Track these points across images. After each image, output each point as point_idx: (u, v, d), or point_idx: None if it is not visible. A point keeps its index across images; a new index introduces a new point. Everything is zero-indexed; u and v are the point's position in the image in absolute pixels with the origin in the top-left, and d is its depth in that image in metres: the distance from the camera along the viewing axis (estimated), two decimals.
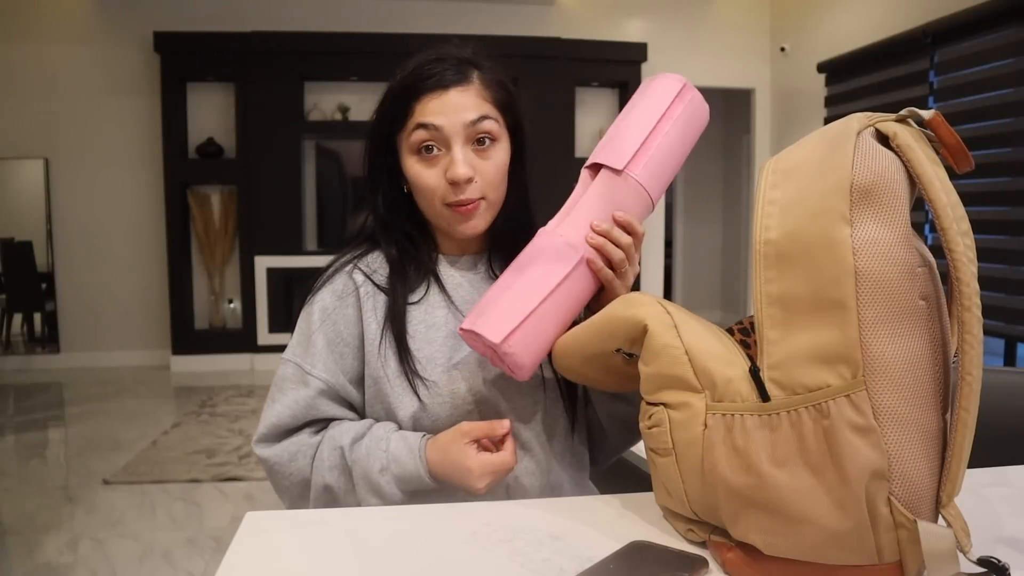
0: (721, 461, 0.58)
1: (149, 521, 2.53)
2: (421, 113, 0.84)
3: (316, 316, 0.89)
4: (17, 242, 5.19)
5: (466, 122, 0.84)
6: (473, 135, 0.85)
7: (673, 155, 0.84)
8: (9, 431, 3.72)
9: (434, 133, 0.84)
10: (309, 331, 0.89)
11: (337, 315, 0.89)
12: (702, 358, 0.61)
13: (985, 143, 3.43)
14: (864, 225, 0.53)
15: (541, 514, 0.73)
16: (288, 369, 0.89)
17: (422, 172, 0.86)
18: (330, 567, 0.63)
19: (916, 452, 0.53)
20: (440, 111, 0.84)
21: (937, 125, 0.55)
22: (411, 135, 0.85)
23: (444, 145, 0.85)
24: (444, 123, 0.84)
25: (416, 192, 0.88)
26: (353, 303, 0.89)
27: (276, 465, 0.87)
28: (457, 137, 0.84)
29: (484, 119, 0.85)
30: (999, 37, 3.38)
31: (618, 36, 5.38)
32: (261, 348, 5.09)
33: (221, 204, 5.19)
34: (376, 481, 0.82)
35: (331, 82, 5.16)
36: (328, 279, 0.92)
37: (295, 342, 0.90)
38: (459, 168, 0.83)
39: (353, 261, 0.93)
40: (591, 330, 0.73)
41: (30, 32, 5.01)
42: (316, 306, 0.90)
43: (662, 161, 0.83)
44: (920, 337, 0.53)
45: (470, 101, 0.85)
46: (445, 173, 0.84)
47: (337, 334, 0.88)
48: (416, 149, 0.86)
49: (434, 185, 0.85)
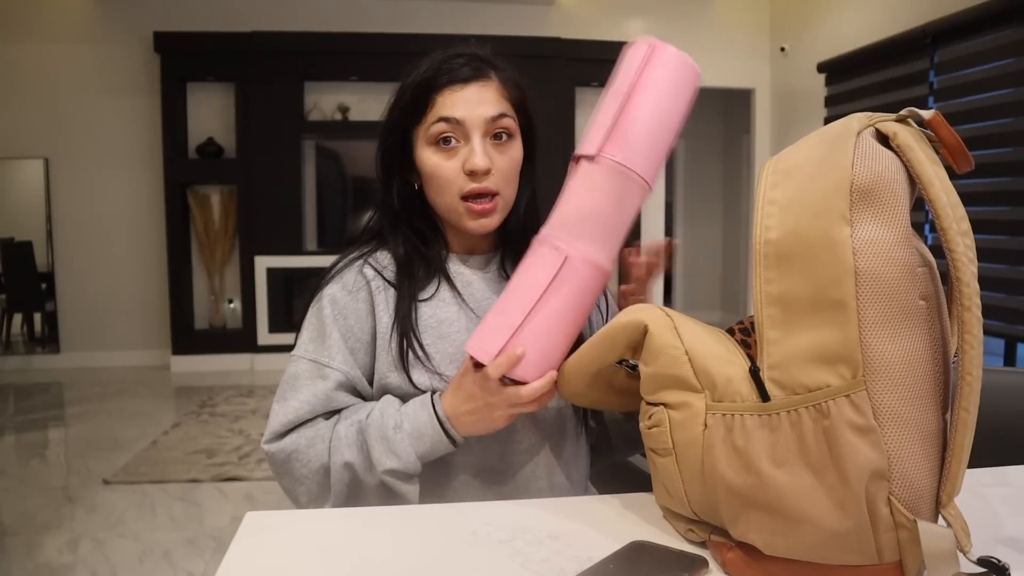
0: (721, 461, 0.58)
1: (149, 521, 2.53)
2: (442, 105, 0.85)
3: (328, 311, 0.88)
4: (17, 242, 5.19)
5: (487, 117, 0.86)
6: (492, 130, 0.86)
7: (656, 123, 0.77)
8: (9, 431, 3.72)
9: (454, 125, 0.85)
10: (322, 326, 0.88)
11: (348, 310, 0.88)
12: (702, 358, 0.61)
13: (985, 143, 3.43)
14: (864, 225, 0.53)
15: (541, 514, 0.73)
16: (301, 366, 0.87)
17: (440, 163, 0.86)
18: (330, 567, 0.63)
19: (916, 452, 0.53)
20: (461, 104, 0.85)
21: (937, 125, 0.55)
22: (430, 127, 0.86)
23: (463, 137, 0.86)
24: (465, 115, 0.85)
25: (431, 184, 0.88)
26: (365, 297, 0.89)
27: (294, 453, 0.84)
28: (476, 129, 0.85)
29: (503, 116, 0.87)
30: (999, 37, 3.38)
31: (618, 36, 5.37)
32: (261, 348, 5.08)
33: (221, 204, 5.19)
34: (391, 438, 0.81)
35: (331, 82, 5.15)
36: (337, 275, 0.91)
37: (306, 339, 0.89)
38: (478, 158, 0.84)
39: (363, 257, 0.92)
40: (593, 345, 0.73)
41: (30, 32, 5.01)
42: (326, 300, 0.89)
43: (643, 133, 0.77)
44: (920, 337, 0.53)
45: (490, 96, 0.87)
46: (463, 164, 0.85)
47: (348, 329, 0.88)
48: (435, 141, 0.86)
49: (451, 176, 0.86)
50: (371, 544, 0.67)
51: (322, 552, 0.66)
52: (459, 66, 0.86)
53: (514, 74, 0.91)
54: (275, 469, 0.87)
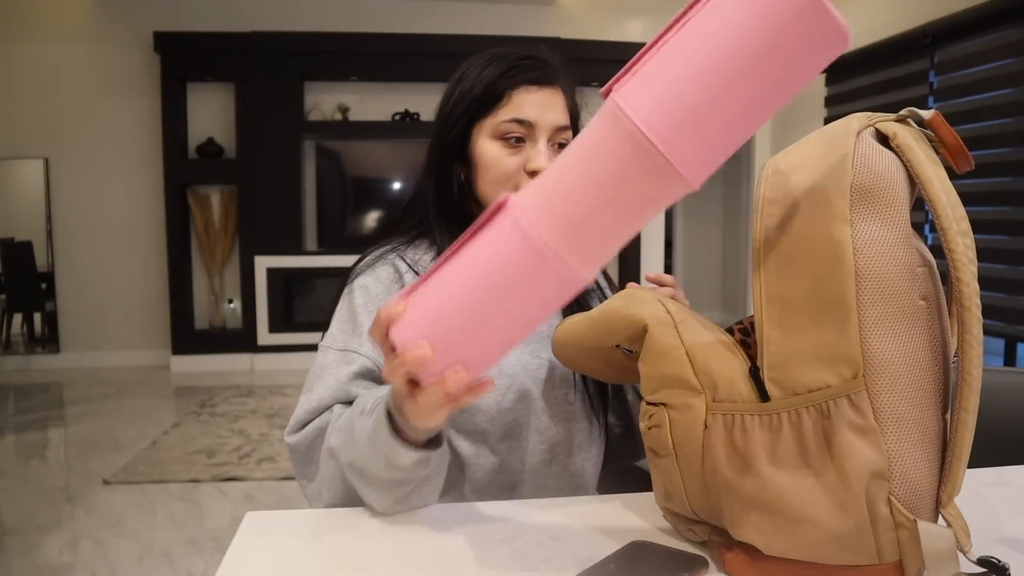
0: (721, 461, 0.58)
1: (149, 521, 2.53)
2: (517, 104, 0.87)
3: (359, 300, 0.87)
4: (17, 242, 5.18)
5: (556, 125, 0.88)
6: (556, 138, 0.89)
7: (717, 69, 0.46)
8: (9, 431, 3.72)
9: (527, 127, 0.87)
10: (353, 314, 0.86)
11: (381, 300, 0.87)
12: (703, 358, 0.61)
13: (985, 143, 3.43)
14: (864, 225, 0.53)
15: (541, 514, 0.73)
16: (328, 356, 0.84)
17: (503, 157, 0.87)
18: (330, 567, 0.63)
19: (916, 452, 0.53)
20: (534, 106, 0.87)
21: (937, 125, 0.55)
22: (500, 123, 0.87)
23: (529, 137, 0.88)
24: (537, 118, 0.87)
25: (487, 175, 0.88)
26: (397, 290, 0.87)
27: (316, 441, 0.79)
28: (544, 133, 0.87)
29: (566, 128, 0.90)
30: (999, 37, 3.38)
31: (618, 36, 5.38)
32: (261, 348, 5.08)
33: (221, 204, 5.19)
34: (353, 424, 0.71)
35: (331, 82, 5.15)
36: (369, 266, 0.90)
37: (336, 329, 0.87)
38: (544, 161, 0.86)
39: (394, 251, 0.92)
40: (590, 324, 0.73)
41: (30, 32, 5.01)
42: (358, 291, 0.88)
43: (688, 85, 0.46)
44: (920, 337, 0.53)
45: (559, 104, 0.89)
46: (526, 164, 0.87)
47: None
48: (502, 135, 0.87)
49: (512, 172, 0.87)
50: (371, 544, 0.67)
51: (322, 552, 0.66)
52: (535, 67, 0.88)
53: (574, 87, 0.93)
54: (295, 460, 0.83)
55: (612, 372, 0.78)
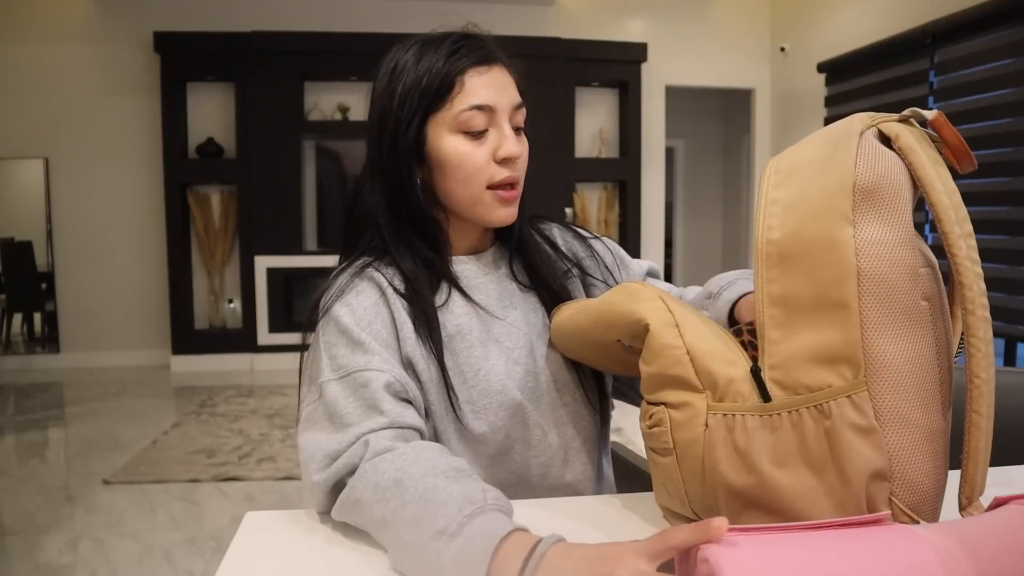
0: (722, 461, 0.58)
1: (149, 521, 2.52)
2: (471, 89, 0.79)
3: (347, 320, 0.77)
4: (17, 242, 5.19)
5: (513, 104, 0.81)
6: (514, 118, 0.82)
7: None
8: (9, 431, 3.72)
9: (488, 112, 0.79)
10: (346, 335, 0.76)
11: (370, 313, 0.78)
12: (704, 358, 0.61)
13: (985, 143, 3.43)
14: (867, 225, 0.53)
15: (542, 514, 0.72)
16: (333, 388, 0.73)
17: (471, 152, 0.79)
18: (330, 567, 0.63)
19: (917, 453, 0.53)
20: (490, 87, 0.80)
21: (940, 125, 0.55)
22: (459, 114, 0.79)
23: (493, 124, 0.80)
24: (496, 101, 0.80)
25: (455, 175, 0.80)
26: (384, 303, 0.80)
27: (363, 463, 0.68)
28: (505, 115, 0.81)
29: (521, 106, 0.83)
30: (999, 37, 3.38)
31: (618, 36, 5.38)
32: (261, 348, 5.08)
33: (221, 204, 5.19)
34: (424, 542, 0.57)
35: (331, 82, 5.15)
36: (340, 293, 0.80)
37: (327, 364, 0.76)
38: (513, 144, 0.80)
39: (369, 264, 0.83)
40: (591, 318, 0.72)
41: (30, 32, 5.01)
42: (339, 315, 0.78)
43: None
44: (922, 338, 0.53)
45: (509, 82, 0.82)
46: (495, 152, 0.80)
47: (376, 333, 0.77)
48: (463, 127, 0.79)
49: (481, 165, 0.80)
50: (371, 544, 0.66)
51: (322, 552, 0.66)
52: (476, 45, 0.81)
53: (515, 61, 0.86)
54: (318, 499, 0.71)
55: (613, 364, 0.77)
